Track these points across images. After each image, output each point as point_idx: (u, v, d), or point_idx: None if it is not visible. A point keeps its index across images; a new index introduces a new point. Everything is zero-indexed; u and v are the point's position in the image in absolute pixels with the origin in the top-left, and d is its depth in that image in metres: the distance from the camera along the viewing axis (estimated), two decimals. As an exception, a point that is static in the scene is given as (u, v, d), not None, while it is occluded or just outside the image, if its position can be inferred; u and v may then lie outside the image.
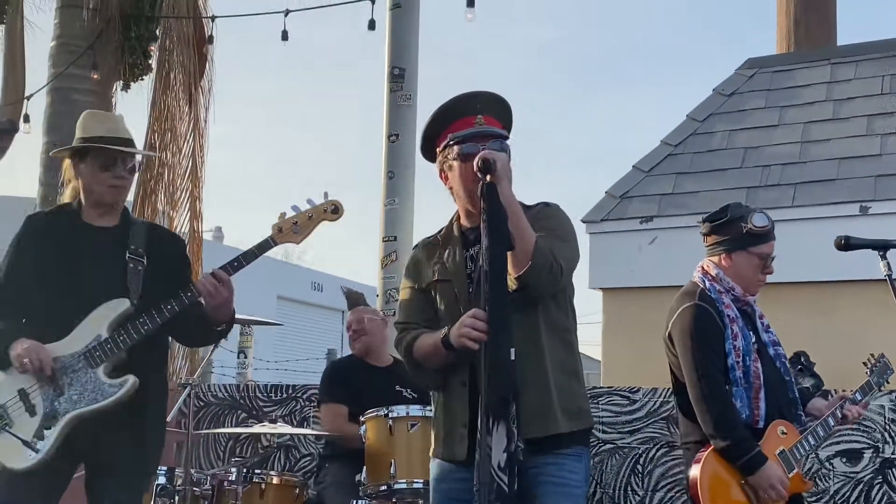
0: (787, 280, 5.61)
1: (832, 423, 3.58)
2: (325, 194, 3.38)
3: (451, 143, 2.91)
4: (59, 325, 3.36)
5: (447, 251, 2.99)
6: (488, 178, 2.63)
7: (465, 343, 2.63)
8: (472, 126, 2.90)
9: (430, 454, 3.04)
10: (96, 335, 3.32)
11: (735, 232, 3.61)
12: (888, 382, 3.69)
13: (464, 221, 3.01)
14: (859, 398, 3.62)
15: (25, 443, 3.31)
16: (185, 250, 3.61)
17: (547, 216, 2.91)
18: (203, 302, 3.31)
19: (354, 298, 5.30)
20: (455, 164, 2.92)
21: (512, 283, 2.69)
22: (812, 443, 3.56)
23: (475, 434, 2.68)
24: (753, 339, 3.56)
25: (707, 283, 3.59)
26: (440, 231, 3.08)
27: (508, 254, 2.64)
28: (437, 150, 3.00)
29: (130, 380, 3.28)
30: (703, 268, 3.66)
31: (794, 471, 3.47)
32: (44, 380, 3.32)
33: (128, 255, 3.41)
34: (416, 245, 3.16)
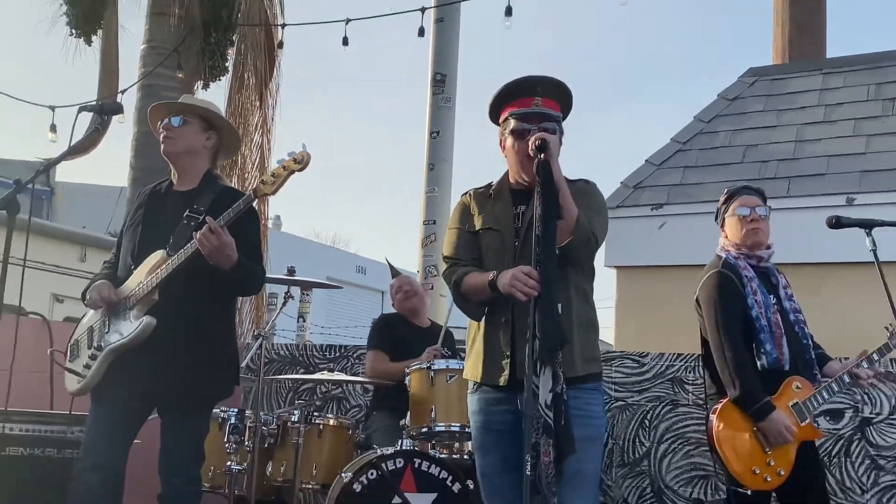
0: (782, 261, 5.58)
1: (847, 380, 3.54)
2: (303, 145, 3.27)
3: (510, 118, 2.93)
4: (127, 274, 3.46)
5: (498, 204, 3.00)
6: (542, 156, 2.65)
7: (515, 293, 2.64)
8: (530, 106, 2.91)
9: (467, 376, 3.04)
10: (139, 281, 3.37)
11: (719, 207, 3.78)
12: None
13: (513, 182, 3.02)
14: (876, 357, 3.57)
15: (73, 371, 3.44)
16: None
17: (586, 192, 2.92)
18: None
19: (395, 270, 5.34)
20: (510, 138, 2.94)
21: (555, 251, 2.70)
22: (826, 396, 3.52)
23: (515, 364, 2.76)
24: (774, 301, 3.57)
25: (726, 254, 3.64)
26: (491, 184, 3.08)
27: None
28: (501, 119, 3.01)
29: (145, 320, 3.31)
30: (720, 245, 3.74)
31: (807, 421, 3.45)
32: (105, 313, 3.43)
33: (187, 212, 3.41)
34: (466, 192, 3.14)
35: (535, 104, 2.91)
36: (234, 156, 4.33)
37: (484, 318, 2.96)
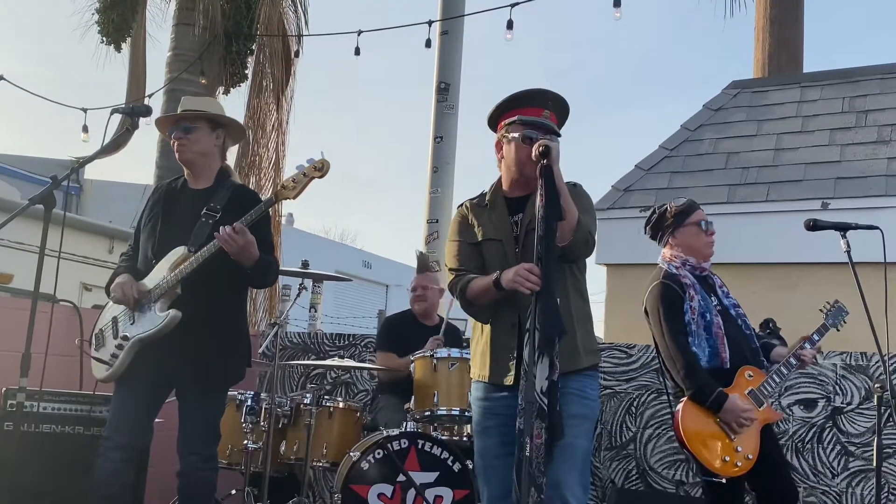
0: (761, 261, 5.62)
1: (794, 363, 3.53)
2: (322, 153, 3.24)
3: (518, 122, 2.89)
4: (148, 268, 3.44)
5: (494, 214, 2.97)
6: (545, 161, 2.62)
7: (518, 288, 2.63)
8: (540, 117, 2.88)
9: (475, 377, 3.00)
10: (162, 276, 3.35)
11: (665, 220, 3.69)
12: (844, 323, 3.62)
13: (506, 189, 2.99)
14: (816, 339, 3.57)
15: (100, 360, 3.43)
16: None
17: (576, 195, 2.89)
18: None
19: (424, 262, 5.25)
20: (515, 141, 2.90)
21: (556, 249, 2.68)
22: (777, 381, 3.52)
23: (520, 365, 2.72)
24: (716, 303, 3.53)
25: (667, 265, 3.60)
26: (485, 195, 3.04)
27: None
28: (502, 123, 2.96)
29: (171, 313, 3.30)
30: (662, 256, 3.69)
31: (764, 405, 3.44)
32: (129, 309, 3.40)
33: (204, 210, 3.39)
34: (462, 204, 3.09)
35: (544, 115, 2.89)
36: (240, 142, 4.31)
37: (491, 323, 2.93)
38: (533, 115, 2.89)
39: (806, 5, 9.82)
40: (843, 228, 3.33)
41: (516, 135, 2.90)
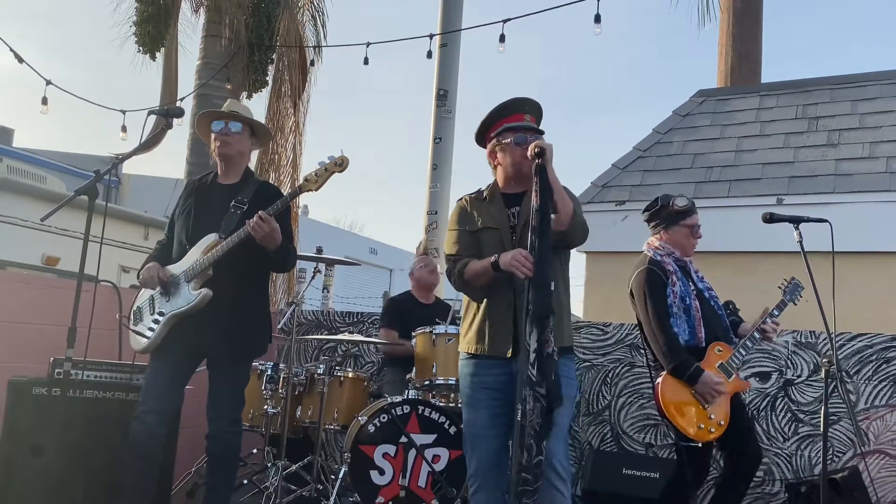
0: (723, 249, 5.63)
1: (758, 336, 3.56)
2: (341, 150, 3.25)
3: (507, 130, 2.89)
4: (181, 253, 3.44)
5: (493, 206, 2.95)
6: (539, 160, 2.62)
7: (514, 271, 2.63)
8: (523, 121, 2.89)
9: (468, 351, 2.93)
10: (195, 259, 3.35)
11: (666, 214, 3.67)
12: (801, 297, 3.64)
13: (502, 187, 2.98)
14: (776, 313, 3.60)
15: (139, 333, 3.43)
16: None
17: (569, 195, 2.88)
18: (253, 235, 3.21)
19: (424, 248, 5.29)
20: (508, 147, 2.89)
21: (555, 236, 2.68)
22: (743, 353, 3.54)
23: (516, 338, 2.72)
24: (693, 288, 3.55)
25: (653, 253, 3.60)
26: (482, 191, 3.03)
27: (553, 215, 2.64)
28: (490, 135, 2.96)
29: (203, 291, 3.30)
30: (649, 243, 3.69)
31: (733, 376, 3.47)
32: (161, 290, 3.40)
33: (233, 202, 3.40)
34: (462, 198, 3.07)
35: (526, 119, 2.90)
36: (265, 145, 4.34)
37: (486, 302, 2.88)
38: (516, 120, 2.89)
39: (764, 22, 9.81)
40: (796, 221, 3.34)
41: (509, 140, 2.89)
